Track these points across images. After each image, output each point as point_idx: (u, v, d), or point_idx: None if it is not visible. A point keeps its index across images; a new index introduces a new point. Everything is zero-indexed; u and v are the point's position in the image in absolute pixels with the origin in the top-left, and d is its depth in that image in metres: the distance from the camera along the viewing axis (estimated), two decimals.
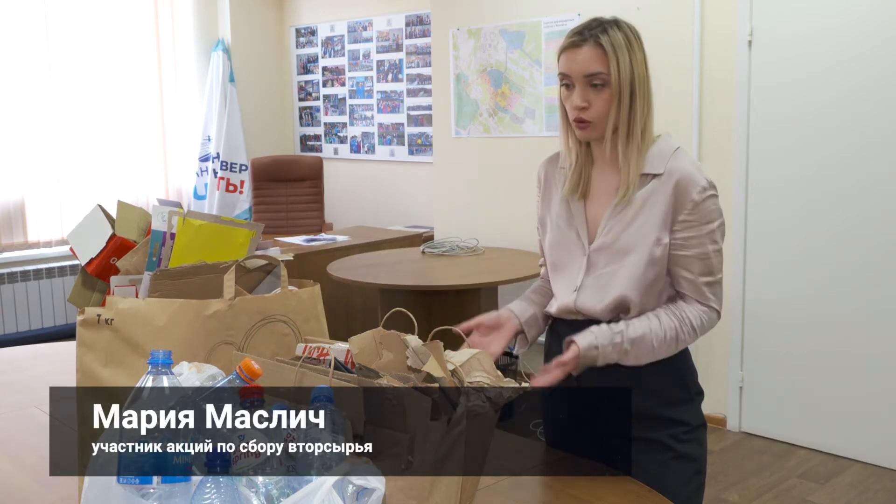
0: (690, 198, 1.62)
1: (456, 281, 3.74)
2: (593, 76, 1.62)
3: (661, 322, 1.65)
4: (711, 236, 1.65)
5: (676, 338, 1.65)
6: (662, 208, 1.64)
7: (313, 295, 1.55)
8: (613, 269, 1.68)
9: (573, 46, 1.63)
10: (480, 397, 1.39)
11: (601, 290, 1.69)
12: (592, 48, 1.62)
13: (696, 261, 1.65)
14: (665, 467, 1.69)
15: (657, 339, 1.64)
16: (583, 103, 1.63)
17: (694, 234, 1.64)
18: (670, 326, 1.65)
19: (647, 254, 1.64)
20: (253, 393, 1.09)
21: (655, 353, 1.65)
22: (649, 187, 1.66)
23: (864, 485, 3.40)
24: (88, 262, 1.57)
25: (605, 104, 1.63)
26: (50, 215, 5.53)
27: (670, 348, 1.66)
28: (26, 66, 5.34)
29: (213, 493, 0.97)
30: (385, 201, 6.01)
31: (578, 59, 1.62)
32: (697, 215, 1.63)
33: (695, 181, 1.63)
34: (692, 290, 1.67)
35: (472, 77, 4.97)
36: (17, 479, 1.66)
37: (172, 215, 1.51)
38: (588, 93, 1.63)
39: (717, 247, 1.66)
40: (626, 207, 1.67)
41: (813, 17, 3.59)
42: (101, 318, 1.39)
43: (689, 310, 1.66)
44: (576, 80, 1.63)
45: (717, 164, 3.92)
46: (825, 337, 3.67)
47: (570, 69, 1.64)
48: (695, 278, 1.66)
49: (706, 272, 1.66)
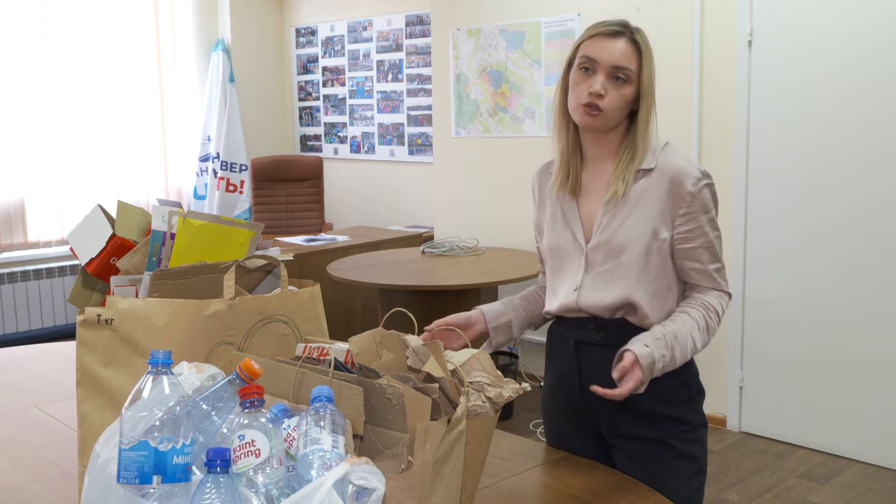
0: (687, 190, 1.64)
1: (456, 281, 3.74)
2: (621, 69, 1.64)
3: (692, 315, 1.66)
4: (712, 224, 1.68)
5: (707, 327, 1.67)
6: (658, 203, 1.65)
7: (313, 295, 1.55)
8: (612, 266, 1.68)
9: (609, 35, 1.65)
10: (480, 397, 1.39)
11: (601, 287, 1.69)
12: (629, 44, 1.65)
13: (703, 250, 1.67)
14: (666, 466, 1.69)
15: (694, 331, 1.65)
16: (602, 90, 1.64)
17: (696, 225, 1.66)
18: (699, 316, 1.67)
19: (645, 248, 1.65)
20: (253, 393, 1.09)
21: (696, 345, 1.66)
22: (642, 183, 1.67)
23: (864, 485, 3.40)
24: (88, 262, 1.57)
25: (621, 99, 1.65)
26: (50, 215, 5.53)
27: (704, 339, 1.68)
28: (26, 66, 5.34)
29: (213, 493, 0.97)
30: (385, 201, 6.01)
31: (612, 48, 1.64)
32: (696, 206, 1.65)
33: (688, 173, 1.65)
34: (705, 279, 1.69)
35: (472, 77, 4.97)
36: (17, 479, 1.66)
37: (172, 215, 1.51)
38: (609, 83, 1.64)
39: (717, 233, 1.69)
40: (619, 204, 1.68)
41: (813, 17, 3.59)
42: (101, 318, 1.39)
43: (709, 298, 1.69)
44: (602, 67, 1.64)
45: (717, 164, 3.92)
46: (825, 337, 3.67)
47: (599, 55, 1.65)
48: (705, 267, 1.68)
49: (714, 259, 1.69)
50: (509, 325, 1.84)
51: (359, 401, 1.19)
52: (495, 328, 1.82)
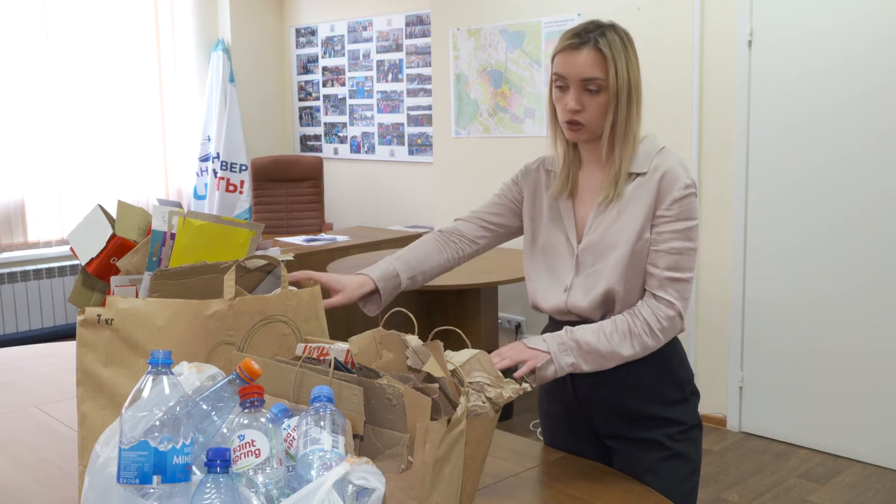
0: (671, 194, 1.63)
1: (456, 281, 3.74)
2: (590, 81, 1.61)
3: (614, 320, 1.64)
4: (686, 234, 1.64)
5: (629, 331, 1.62)
6: (646, 204, 1.65)
7: (313, 295, 1.55)
8: (600, 266, 1.68)
9: (571, 49, 1.62)
10: (480, 397, 1.39)
11: (589, 288, 1.70)
12: (591, 52, 1.61)
13: (664, 255, 1.64)
14: (660, 466, 1.69)
15: (607, 331, 1.62)
16: (577, 106, 1.63)
17: (668, 230, 1.64)
18: (621, 320, 1.64)
19: (630, 250, 1.65)
20: (253, 393, 1.09)
21: (610, 343, 1.62)
22: (634, 185, 1.67)
23: (864, 485, 3.40)
24: (88, 262, 1.57)
25: (599, 108, 1.63)
26: (50, 215, 5.53)
27: (624, 342, 1.62)
28: (26, 67, 5.34)
29: (213, 493, 0.97)
30: (385, 201, 6.01)
31: (577, 62, 1.61)
32: (675, 211, 1.64)
33: (678, 178, 1.64)
34: (653, 285, 1.65)
35: (472, 77, 4.97)
36: (17, 479, 1.66)
37: (172, 215, 1.51)
38: (583, 96, 1.63)
39: (690, 245, 1.64)
40: (611, 206, 1.68)
41: (813, 17, 3.59)
42: (101, 318, 1.39)
43: (641, 309, 1.64)
44: (572, 82, 1.63)
45: (717, 164, 3.92)
46: (825, 337, 3.67)
47: (566, 71, 1.63)
48: (659, 272, 1.64)
49: (672, 267, 1.63)
50: (395, 273, 1.79)
51: (359, 401, 1.19)
52: (379, 278, 1.76)
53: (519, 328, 4.94)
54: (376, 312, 1.80)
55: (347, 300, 1.72)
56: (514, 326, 4.96)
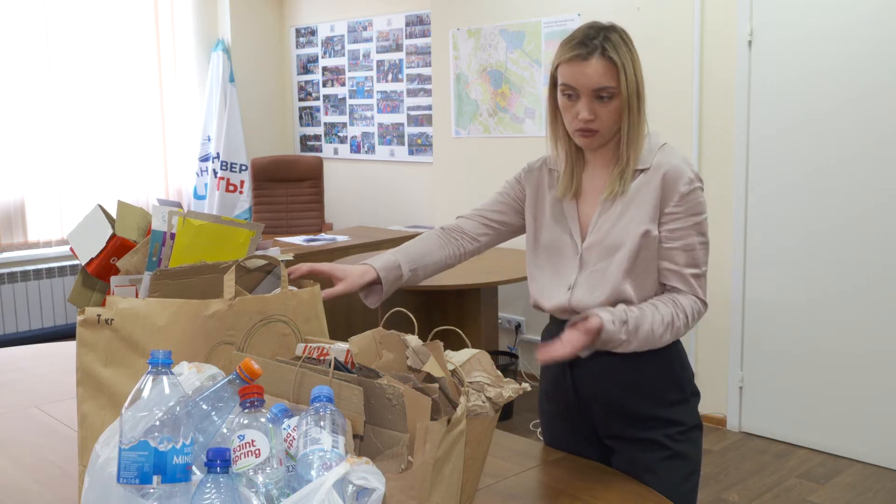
0: (677, 189, 1.64)
1: (456, 281, 3.74)
2: (602, 90, 1.60)
3: (658, 308, 1.65)
4: (698, 228, 1.66)
5: (672, 323, 1.64)
6: (651, 202, 1.65)
7: (313, 295, 1.55)
8: (605, 265, 1.68)
9: (579, 59, 1.60)
10: (480, 397, 1.40)
11: (594, 286, 1.69)
12: (601, 61, 1.59)
13: (681, 252, 1.65)
14: (660, 466, 1.69)
15: (656, 323, 1.62)
16: (590, 116, 1.62)
17: (680, 226, 1.65)
18: (667, 312, 1.64)
19: (637, 246, 1.65)
20: (253, 393, 1.09)
21: (654, 335, 1.63)
22: (637, 182, 1.67)
23: (864, 485, 3.40)
24: (88, 262, 1.57)
25: (612, 114, 1.63)
26: (50, 215, 5.53)
27: (666, 335, 1.64)
28: (26, 67, 5.34)
29: (213, 493, 0.97)
30: (385, 201, 6.01)
31: (587, 72, 1.60)
32: (684, 207, 1.64)
33: (682, 173, 1.64)
34: (679, 281, 1.67)
35: (472, 77, 4.97)
36: (17, 479, 1.66)
37: (172, 215, 1.51)
38: (595, 105, 1.62)
39: (703, 239, 1.67)
40: (614, 203, 1.68)
41: (813, 17, 3.59)
42: (101, 318, 1.39)
43: (682, 299, 1.66)
44: (583, 93, 1.62)
45: (717, 163, 3.92)
46: (825, 337, 3.67)
47: (576, 82, 1.61)
48: (680, 269, 1.66)
49: (691, 264, 1.66)
50: (396, 264, 1.77)
51: (359, 401, 1.19)
52: (381, 268, 1.75)
53: (519, 328, 4.93)
54: (377, 304, 1.79)
55: (350, 289, 1.71)
56: (514, 326, 4.95)
